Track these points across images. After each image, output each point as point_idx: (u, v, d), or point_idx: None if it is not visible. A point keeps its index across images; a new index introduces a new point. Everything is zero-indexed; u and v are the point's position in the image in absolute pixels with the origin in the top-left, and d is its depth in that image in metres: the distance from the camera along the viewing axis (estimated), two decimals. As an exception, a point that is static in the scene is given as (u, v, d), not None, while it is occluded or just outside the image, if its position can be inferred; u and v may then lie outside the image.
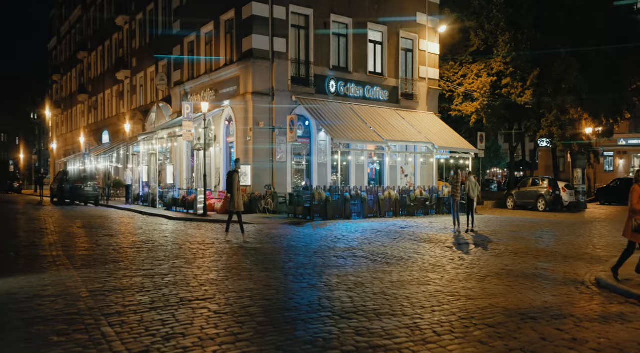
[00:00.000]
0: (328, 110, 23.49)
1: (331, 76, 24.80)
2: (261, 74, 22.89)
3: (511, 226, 18.86)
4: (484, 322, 6.55)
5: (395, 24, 27.13)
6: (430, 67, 28.96)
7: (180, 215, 21.75)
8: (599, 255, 12.03)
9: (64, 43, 53.68)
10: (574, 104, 29.85)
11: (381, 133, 23.69)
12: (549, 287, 8.75)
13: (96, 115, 44.06)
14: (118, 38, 38.28)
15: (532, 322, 6.57)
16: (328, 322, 6.45)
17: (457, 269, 10.35)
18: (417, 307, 7.22)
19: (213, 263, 10.64)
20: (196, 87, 26.93)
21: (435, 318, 6.66)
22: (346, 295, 7.93)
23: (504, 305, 7.42)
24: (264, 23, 22.91)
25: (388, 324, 6.37)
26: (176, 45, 29.17)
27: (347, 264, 10.78)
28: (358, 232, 16.60)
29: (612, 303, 7.68)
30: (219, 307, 7.12)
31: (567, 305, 7.50)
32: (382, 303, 7.39)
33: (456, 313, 6.92)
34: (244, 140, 23.19)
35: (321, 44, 24.60)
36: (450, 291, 8.28)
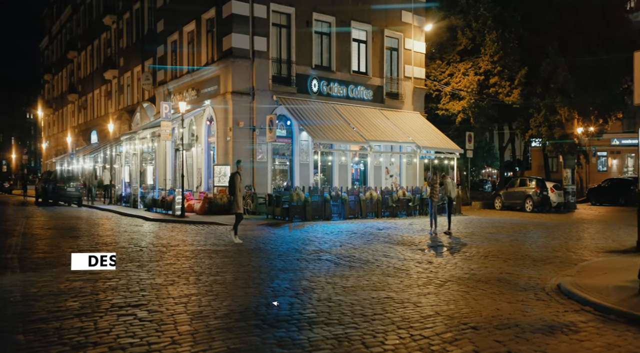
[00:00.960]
0: (310, 110, 23.12)
1: (313, 75, 24.41)
2: (241, 73, 22.54)
3: (491, 228, 18.46)
4: (421, 333, 6.17)
5: (380, 22, 26.73)
6: (416, 66, 28.52)
7: (158, 216, 21.42)
8: (570, 259, 11.63)
9: (55, 42, 54.29)
10: (563, 103, 29.44)
11: (364, 133, 23.31)
12: (508, 293, 8.37)
13: (85, 115, 44.44)
14: (106, 37, 38.58)
15: (472, 333, 6.19)
16: (255, 331, 6.08)
17: (420, 273, 9.97)
18: (357, 315, 6.83)
19: (167, 266, 10.27)
20: (179, 86, 26.67)
21: (371, 328, 6.28)
22: (288, 301, 7.55)
23: (450, 313, 7.04)
24: (244, 21, 22.55)
25: (317, 334, 5.99)
26: (160, 45, 28.98)
27: (307, 267, 10.41)
28: (333, 234, 16.23)
29: (567, 312, 7.30)
30: (148, 314, 6.75)
31: (518, 313, 7.12)
32: (322, 311, 7.01)
33: (396, 323, 6.54)
34: (224, 140, 22.90)
35: (303, 43, 24.21)
36: (401, 298, 7.90)
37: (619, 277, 9.33)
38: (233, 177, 12.57)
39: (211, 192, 22.78)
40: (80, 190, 28.16)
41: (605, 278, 9.18)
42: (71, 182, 27.71)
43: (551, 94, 29.45)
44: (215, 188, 22.36)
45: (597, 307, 7.36)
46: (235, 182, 12.26)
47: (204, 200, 21.84)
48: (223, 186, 21.76)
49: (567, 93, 29.71)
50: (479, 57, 29.90)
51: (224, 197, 21.58)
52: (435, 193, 16.31)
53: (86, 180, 33.82)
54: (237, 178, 12.33)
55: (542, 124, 29.79)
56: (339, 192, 21.66)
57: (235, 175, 12.60)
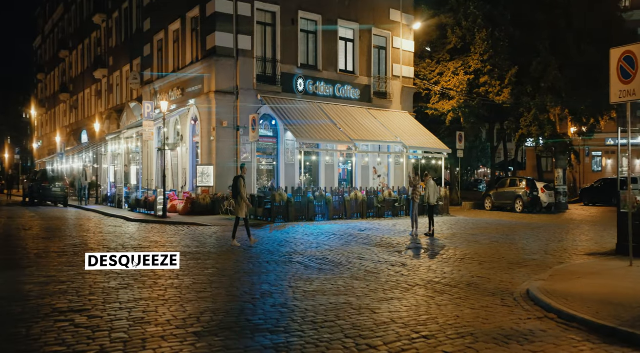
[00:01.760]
0: (295, 110, 22.82)
1: (299, 74, 24.11)
2: (225, 72, 22.27)
3: (475, 229, 18.13)
4: (369, 342, 5.86)
5: (368, 20, 26.40)
6: (405, 65, 28.19)
7: (140, 217, 21.17)
8: (547, 262, 11.31)
9: (48, 42, 54.84)
10: (554, 103, 29.15)
11: (350, 133, 23.00)
12: (474, 299, 8.05)
13: (76, 115, 44.85)
14: (96, 36, 38.88)
15: (423, 342, 5.89)
16: (189, 339, 5.76)
17: (390, 277, 9.66)
18: (306, 323, 6.53)
19: (122, 269, 9.93)
20: (164, 86, 26.47)
21: (316, 337, 5.97)
22: (241, 307, 7.25)
23: (407, 321, 6.73)
24: (228, 20, 22.26)
25: (257, 343, 5.69)
26: (147, 43, 28.86)
27: (275, 271, 10.12)
28: (313, 235, 15.94)
29: (530, 319, 6.98)
30: (87, 320, 6.45)
31: (478, 321, 6.80)
32: (271, 318, 6.70)
33: (345, 331, 6.23)
34: (208, 140, 22.66)
35: (289, 42, 23.90)
36: (360, 303, 7.58)
37: (590, 281, 9.02)
38: (236, 181, 12.33)
39: (195, 192, 22.56)
40: (66, 190, 28.12)
41: (576, 284, 8.86)
42: (56, 182, 27.60)
43: (542, 94, 29.16)
44: (199, 189, 22.14)
45: (560, 315, 7.05)
46: (239, 186, 11.98)
47: (187, 201, 21.68)
48: (206, 186, 21.60)
49: (558, 92, 29.42)
50: (469, 56, 29.60)
51: (207, 197, 21.52)
52: (416, 194, 16.02)
53: (75, 179, 33.82)
54: (240, 182, 12.06)
55: (533, 123, 29.50)
56: (323, 192, 21.33)
57: (239, 179, 12.36)
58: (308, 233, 16.38)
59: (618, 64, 8.65)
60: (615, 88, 8.93)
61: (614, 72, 8.87)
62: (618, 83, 8.69)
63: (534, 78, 28.94)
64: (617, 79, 8.63)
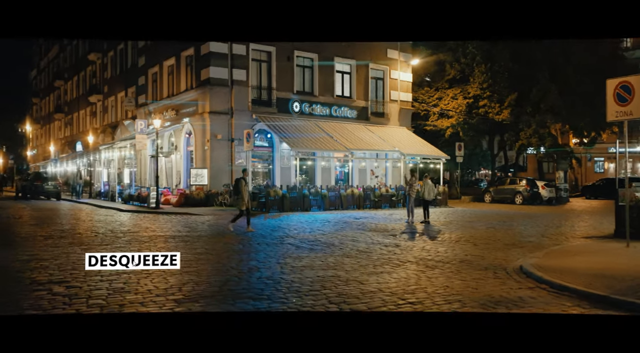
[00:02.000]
0: (291, 126, 23.06)
1: (295, 99, 24.28)
2: (219, 97, 22.65)
3: (473, 217, 18.06)
4: (353, 307, 5.80)
5: (365, 57, 26.38)
6: (403, 92, 28.26)
7: (133, 208, 21.27)
8: (543, 244, 11.24)
9: (43, 74, 58.13)
10: (554, 120, 29.66)
11: (346, 144, 23.23)
12: (465, 272, 7.99)
13: (71, 129, 47.13)
14: (91, 70, 40.98)
15: (409, 307, 5.84)
16: (169, 304, 5.70)
17: (382, 255, 9.60)
18: (291, 291, 6.49)
19: (114, 249, 9.89)
20: (159, 107, 27.23)
21: (299, 303, 5.91)
22: (224, 279, 7.20)
23: (394, 290, 6.67)
24: (223, 58, 22.60)
25: (236, 309, 5.62)
26: (141, 76, 29.98)
27: (265, 250, 10.07)
28: (307, 223, 15.88)
29: (521, 289, 6.93)
30: (65, 289, 6.39)
31: (468, 290, 6.75)
32: (255, 288, 6.67)
33: (330, 298, 6.19)
34: (202, 150, 23.20)
35: (284, 73, 24.04)
36: (349, 276, 7.52)
37: (585, 259, 8.96)
38: (237, 182, 13.51)
39: (189, 189, 22.97)
40: (59, 187, 29.57)
41: (570, 260, 8.80)
42: (49, 181, 29.50)
43: (542, 113, 29.49)
44: (193, 187, 22.68)
45: (552, 285, 6.99)
46: (240, 185, 13.22)
47: (181, 195, 22.26)
48: (200, 184, 22.23)
49: (558, 112, 29.75)
50: (467, 84, 29.88)
51: (200, 193, 22.04)
52: (413, 191, 16.22)
53: (69, 179, 36.10)
54: (241, 183, 13.26)
55: (533, 136, 29.94)
56: (319, 189, 21.69)
57: (240, 180, 13.45)
58: (302, 221, 16.33)
59: (614, 91, 9.81)
60: (611, 109, 9.94)
61: (610, 98, 9.90)
62: (614, 105, 9.82)
63: (534, 101, 29.32)
64: (613, 102, 9.79)
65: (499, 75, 29.05)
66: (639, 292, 6.40)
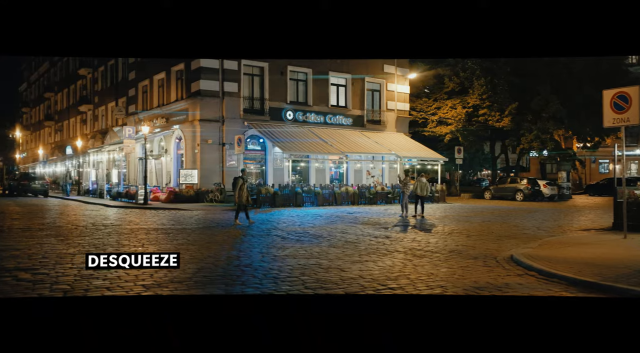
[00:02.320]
0: (283, 132, 23.13)
1: (288, 108, 24.26)
2: (210, 107, 22.73)
3: (470, 212, 17.91)
4: (328, 292, 5.67)
5: (360, 71, 26.26)
6: (400, 102, 28.18)
7: (120, 204, 21.25)
8: (538, 236, 11.12)
9: (34, 87, 60.05)
10: (556, 127, 29.66)
11: (340, 147, 23.26)
12: (454, 261, 7.87)
13: (61, 135, 48.18)
14: (82, 83, 41.87)
15: (389, 292, 5.70)
16: (135, 289, 5.57)
17: (370, 245, 9.49)
18: (267, 278, 6.39)
19: (92, 240, 9.77)
20: (149, 116, 27.33)
21: (274, 288, 5.78)
22: (199, 267, 7.06)
23: (375, 276, 6.56)
24: (214, 72, 22.63)
25: (205, 293, 5.48)
26: (132, 88, 30.28)
27: (249, 242, 9.98)
28: (298, 217, 15.77)
29: (509, 276, 6.82)
30: (31, 276, 6.26)
31: (453, 277, 6.63)
32: (232, 274, 6.57)
33: (306, 283, 6.07)
34: (192, 153, 23.35)
35: (278, 85, 24.02)
36: (331, 264, 7.41)
37: (579, 249, 8.83)
38: (236, 181, 13.79)
39: (178, 187, 23.09)
40: (46, 185, 30.58)
41: (564, 251, 8.68)
42: (36, 180, 30.57)
43: (543, 121, 29.46)
44: (182, 185, 22.86)
45: (541, 272, 6.89)
46: (237, 183, 13.52)
47: (170, 192, 22.61)
48: (189, 183, 22.50)
49: (560, 120, 29.74)
50: (467, 95, 29.77)
51: (190, 191, 22.26)
52: (407, 188, 16.33)
53: (57, 179, 38.28)
54: (239, 181, 13.54)
55: (534, 141, 29.93)
56: (312, 187, 21.80)
57: (238, 179, 13.75)
58: (293, 215, 16.22)
59: (611, 101, 10.54)
60: (608, 116, 10.65)
61: (607, 106, 10.64)
62: (611, 113, 10.54)
63: (535, 110, 29.30)
64: (610, 110, 10.54)
65: (499, 87, 29.09)
66: (631, 279, 6.30)
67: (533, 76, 30.20)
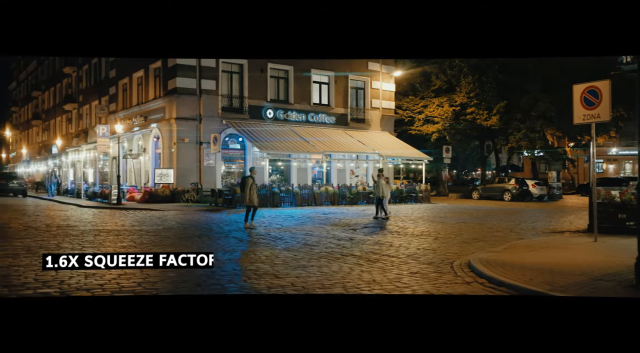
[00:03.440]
0: (263, 131, 22.77)
1: (268, 106, 23.90)
2: (186, 105, 22.43)
3: (449, 213, 17.49)
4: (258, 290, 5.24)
5: (344, 69, 25.85)
6: (385, 100, 27.76)
7: (94, 204, 21.01)
8: (507, 238, 10.75)
9: (22, 85, 61.31)
10: (545, 126, 29.31)
11: (321, 147, 22.90)
12: (405, 266, 7.48)
13: (49, 134, 48.56)
14: (67, 82, 42.36)
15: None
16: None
17: (327, 249, 9.12)
18: (182, 283, 5.91)
19: (31, 242, 9.34)
20: (129, 114, 27.26)
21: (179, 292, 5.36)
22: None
23: (306, 284, 6.20)
24: (191, 69, 22.29)
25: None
26: (113, 86, 30.33)
27: (203, 242, 9.66)
28: (270, 217, 15.42)
29: (456, 284, 6.45)
30: None
31: (394, 284, 6.25)
32: (147, 276, 6.09)
33: (228, 291, 5.61)
34: (169, 152, 23.04)
35: (258, 83, 23.66)
36: (269, 270, 7.04)
37: (542, 253, 8.44)
38: (244, 180, 13.40)
39: (155, 187, 22.81)
40: (25, 185, 30.90)
41: (526, 255, 8.29)
42: (14, 180, 30.64)
43: (532, 119, 29.11)
44: (159, 185, 22.65)
45: (490, 280, 6.49)
46: (246, 183, 13.05)
47: (145, 192, 22.44)
48: (165, 183, 22.26)
49: (549, 119, 29.39)
50: (454, 93, 29.39)
51: (166, 191, 22.02)
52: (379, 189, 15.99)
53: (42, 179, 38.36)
54: (248, 181, 13.07)
55: (522, 139, 29.61)
56: (290, 187, 21.52)
57: (247, 178, 13.30)
58: (265, 216, 15.80)
59: (581, 96, 10.13)
60: (578, 113, 10.17)
61: (577, 102, 10.17)
62: (581, 109, 10.10)
63: (524, 108, 28.94)
64: (580, 106, 10.10)
65: (487, 85, 28.75)
66: (583, 288, 5.91)
67: (522, 74, 29.93)
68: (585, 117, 10.05)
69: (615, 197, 11.18)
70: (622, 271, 6.67)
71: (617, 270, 6.82)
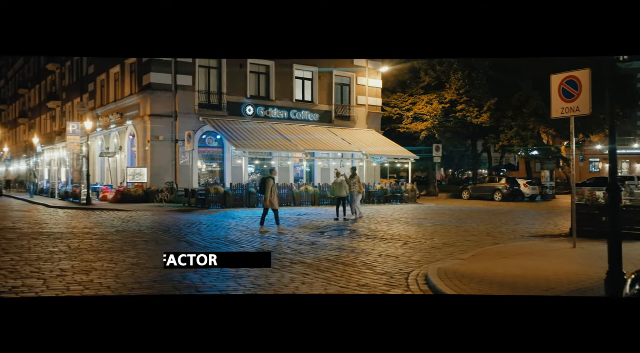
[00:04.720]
0: (242, 128, 22.10)
1: (248, 103, 23.20)
2: (161, 102, 21.83)
3: (431, 214, 16.73)
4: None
5: (328, 64, 25.04)
6: (372, 97, 27.04)
7: (63, 204, 20.58)
8: (482, 243, 10.00)
9: (10, 83, 62.08)
10: (537, 124, 28.62)
11: (303, 145, 22.22)
12: (356, 278, 6.79)
13: (34, 133, 48.33)
14: (52, 79, 42.38)
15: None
16: None
17: (280, 255, 8.43)
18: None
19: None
20: (106, 111, 26.73)
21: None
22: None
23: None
24: (166, 64, 21.62)
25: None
26: (91, 82, 30.13)
27: (146, 249, 8.92)
28: (239, 219, 14.81)
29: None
30: None
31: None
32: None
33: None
34: (144, 150, 22.42)
35: (237, 78, 22.93)
36: (200, 283, 6.24)
37: (512, 262, 7.71)
38: (265, 181, 12.97)
39: (129, 187, 22.22)
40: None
41: (493, 264, 7.56)
42: None
43: (524, 117, 28.39)
44: (132, 184, 22.00)
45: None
46: (267, 184, 12.63)
47: (117, 192, 21.86)
48: (139, 183, 21.71)
49: (542, 116, 28.69)
50: (444, 90, 28.62)
51: (139, 190, 21.44)
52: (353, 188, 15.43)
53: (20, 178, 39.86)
54: (269, 182, 12.67)
55: (514, 138, 28.91)
56: None
57: (268, 179, 12.87)
58: (235, 218, 15.13)
59: (560, 87, 9.57)
60: (557, 106, 9.60)
61: (555, 94, 9.63)
62: (560, 102, 9.51)
63: (516, 106, 28.21)
64: (558, 98, 9.53)
65: (477, 82, 28.05)
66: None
67: (514, 71, 29.24)
68: (563, 110, 9.35)
69: (599, 198, 10.36)
70: (595, 286, 5.93)
71: (590, 284, 6.08)
